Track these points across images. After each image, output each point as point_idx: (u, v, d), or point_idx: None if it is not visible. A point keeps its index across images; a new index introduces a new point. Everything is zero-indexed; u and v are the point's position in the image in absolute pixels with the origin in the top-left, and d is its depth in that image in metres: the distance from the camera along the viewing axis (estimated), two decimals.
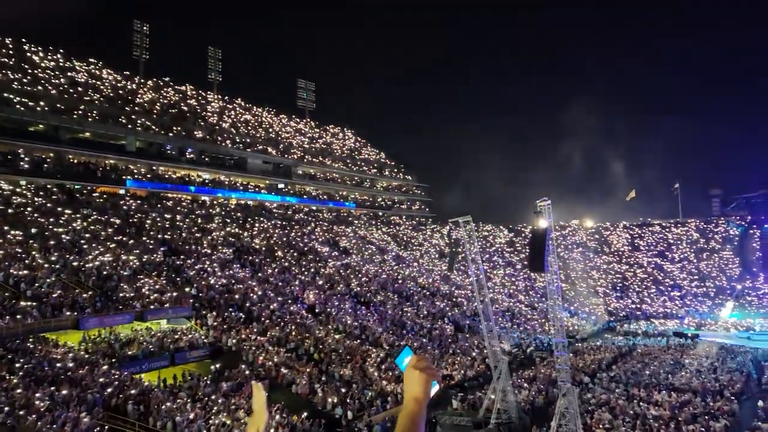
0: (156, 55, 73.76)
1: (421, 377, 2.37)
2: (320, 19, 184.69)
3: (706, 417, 26.54)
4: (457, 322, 49.70)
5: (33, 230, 38.50)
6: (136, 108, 59.84)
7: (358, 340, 38.94)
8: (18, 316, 27.86)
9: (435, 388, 2.40)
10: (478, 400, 30.41)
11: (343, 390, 29.92)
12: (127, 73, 67.17)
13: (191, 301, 36.50)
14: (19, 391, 21.51)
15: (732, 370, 38.04)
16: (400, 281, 57.49)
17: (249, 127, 75.17)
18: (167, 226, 49.22)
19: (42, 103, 48.96)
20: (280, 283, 45.53)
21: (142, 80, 68.65)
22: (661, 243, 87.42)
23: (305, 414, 26.29)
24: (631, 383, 34.21)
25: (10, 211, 40.29)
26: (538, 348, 46.24)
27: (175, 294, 36.46)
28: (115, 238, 42.38)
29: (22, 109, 47.16)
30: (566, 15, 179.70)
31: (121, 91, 62.46)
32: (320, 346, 35.64)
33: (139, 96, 63.47)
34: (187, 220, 52.40)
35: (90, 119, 52.29)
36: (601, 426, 25.46)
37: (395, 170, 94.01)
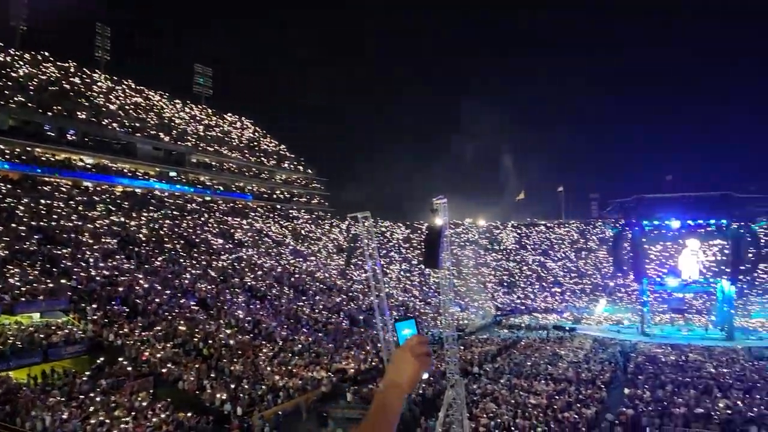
0: (36, 27, 67.47)
1: (414, 364, 2.14)
2: (220, 3, 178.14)
3: (578, 404, 28.61)
4: (353, 317, 50.03)
5: None
6: (10, 83, 54.57)
7: (251, 335, 38.11)
8: None
9: (423, 377, 2.20)
10: (371, 393, 30.79)
11: (233, 385, 29.16)
12: (0, 44, 61.08)
13: (69, 293, 33.92)
14: None
15: (603, 361, 41.30)
16: (296, 275, 56.90)
17: (139, 111, 71.01)
18: (43, 212, 45.38)
19: None
20: (168, 276, 43.49)
21: (18, 53, 62.68)
22: (545, 242, 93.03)
23: (192, 411, 25.34)
24: (514, 374, 36.15)
25: None
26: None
27: (50, 285, 33.74)
28: None
29: None
30: (465, 15, 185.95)
31: None
32: (210, 341, 34.48)
33: (13, 70, 57.89)
34: (67, 206, 48.59)
35: None
36: (485, 415, 26.69)
37: (295, 163, 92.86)
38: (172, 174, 67.55)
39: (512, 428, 24.85)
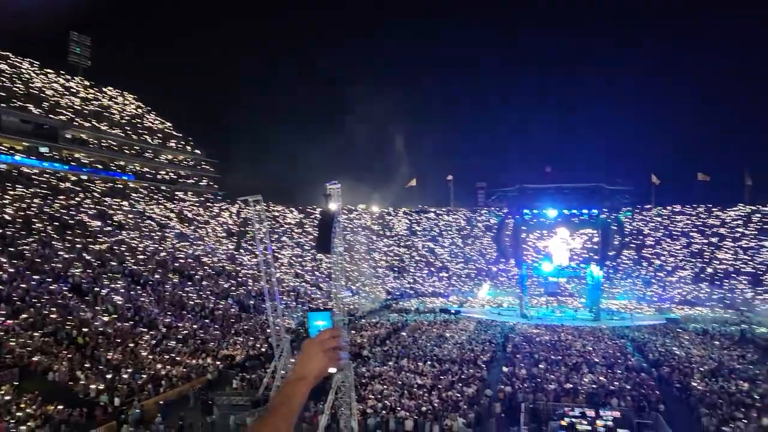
0: None
1: (322, 359, 2.13)
2: None
3: (461, 383, 30.00)
4: (242, 302, 48.88)
5: None
6: None
7: (131, 322, 36.07)
8: None
9: (332, 371, 2.13)
10: (259, 379, 30.33)
11: (110, 375, 27.50)
12: None
13: None
14: None
15: (484, 342, 43.52)
16: (182, 260, 54.51)
17: (4, 79, 64.26)
18: None
19: None
20: (37, 260, 39.99)
21: None
22: (435, 228, 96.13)
23: (63, 404, 23.60)
24: (402, 356, 37.14)
25: None
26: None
27: None
28: None
29: None
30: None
31: None
32: (85, 329, 32.22)
33: None
34: None
35: None
36: (372, 396, 27.23)
37: (182, 143, 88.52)
38: (43, 150, 61.95)
39: (398, 408, 25.55)
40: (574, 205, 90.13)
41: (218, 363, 32.91)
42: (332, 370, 2.15)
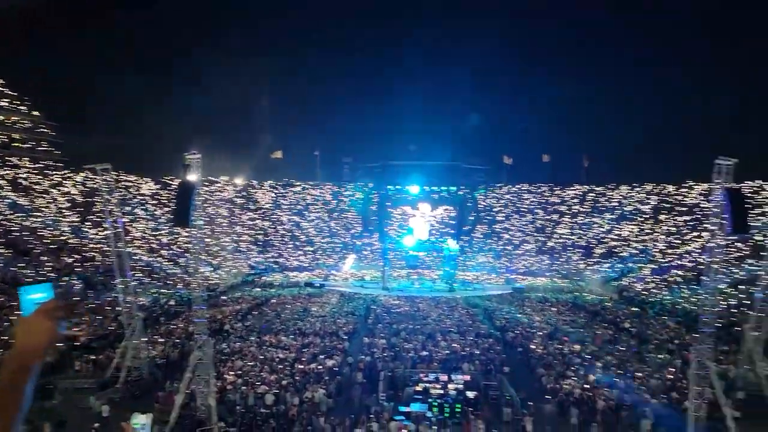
0: None
1: (50, 328, 1.79)
2: None
3: (323, 355, 30.41)
4: (89, 279, 45.23)
5: None
6: None
7: None
8: None
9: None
10: (107, 360, 28.41)
11: None
12: None
13: None
14: None
15: (347, 314, 44.40)
16: (16, 233, 49.05)
17: None
18: None
19: None
20: None
21: None
22: (301, 202, 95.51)
23: None
24: (264, 331, 36.76)
25: None
26: (178, 303, 45.65)
27: None
28: None
29: None
30: None
31: None
32: None
33: None
34: None
35: None
36: (232, 373, 26.71)
37: (17, 103, 78.84)
38: None
39: (258, 383, 25.32)
40: (435, 182, 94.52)
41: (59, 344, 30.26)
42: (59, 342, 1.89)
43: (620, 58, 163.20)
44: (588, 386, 25.64)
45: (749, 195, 63.38)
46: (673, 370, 28.25)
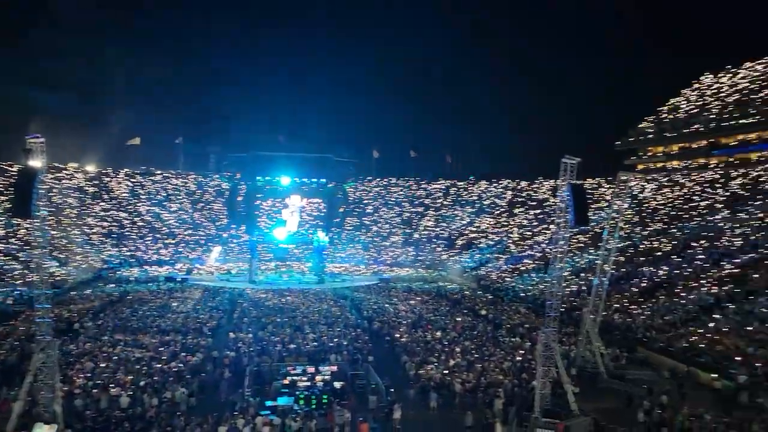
0: None
1: None
2: None
3: (184, 353, 29.03)
4: None
5: None
6: None
7: None
8: None
9: None
10: None
11: None
12: None
13: None
14: None
15: (211, 309, 42.75)
16: None
17: None
18: None
19: None
20: None
21: None
22: (161, 192, 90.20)
23: None
24: (119, 329, 34.29)
25: None
26: (17, 302, 41.15)
27: None
28: None
29: None
30: None
31: None
32: None
33: None
34: None
35: None
36: (82, 376, 24.63)
37: None
38: None
39: (112, 385, 23.57)
40: (305, 174, 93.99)
41: None
42: None
43: (481, 64, 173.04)
44: (447, 371, 26.99)
45: (590, 191, 70.34)
46: (522, 352, 30.62)
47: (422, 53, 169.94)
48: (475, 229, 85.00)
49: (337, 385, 24.69)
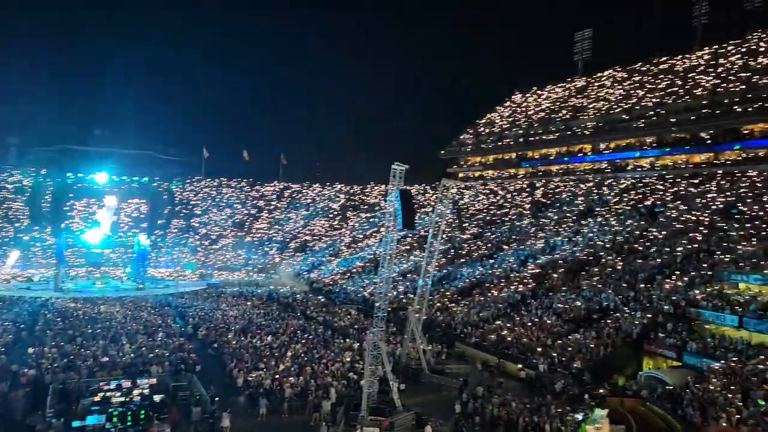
0: None
1: None
2: None
3: None
4: None
5: None
6: None
7: None
8: None
9: None
10: None
11: None
12: None
13: None
14: None
15: (5, 322, 37.40)
16: None
17: None
18: None
19: None
20: None
21: None
22: None
23: None
24: None
25: None
26: None
27: None
28: None
29: None
30: None
31: None
32: None
33: None
34: None
35: None
36: None
37: None
38: None
39: None
40: (125, 172, 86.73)
41: None
42: None
43: (317, 69, 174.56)
44: (277, 376, 26.59)
45: (417, 196, 74.36)
46: (351, 353, 31.26)
47: (256, 54, 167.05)
48: (308, 231, 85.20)
49: (157, 398, 23.10)
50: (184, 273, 70.77)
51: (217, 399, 23.16)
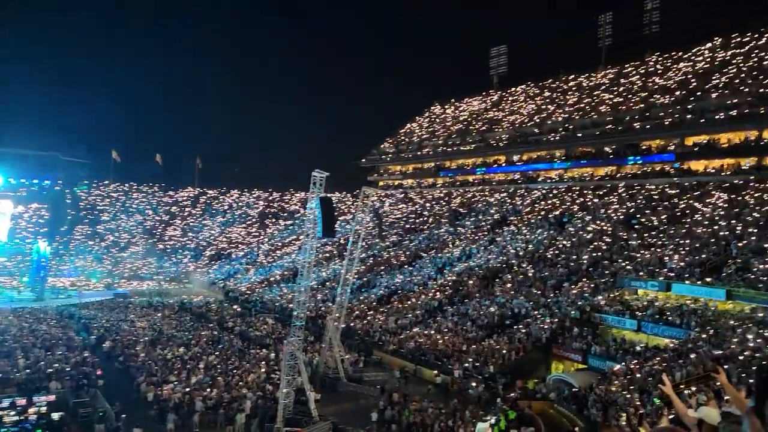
0: None
1: None
2: None
3: None
4: None
5: None
6: None
7: None
8: None
9: None
10: None
11: None
12: None
13: None
14: None
15: None
16: None
17: None
18: None
19: None
20: None
21: None
22: None
23: None
24: None
25: None
26: None
27: None
28: None
29: None
30: None
31: None
32: None
33: None
34: None
35: None
36: None
37: None
38: None
39: None
40: (25, 174, 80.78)
41: None
42: None
43: (232, 73, 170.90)
44: (189, 389, 25.57)
45: (337, 204, 74.10)
46: (266, 363, 30.59)
47: (172, 54, 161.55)
48: (225, 239, 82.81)
49: (56, 416, 21.64)
50: (89, 282, 66.68)
51: (123, 415, 21.95)
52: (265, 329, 41.09)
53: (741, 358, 21.51)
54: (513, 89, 77.63)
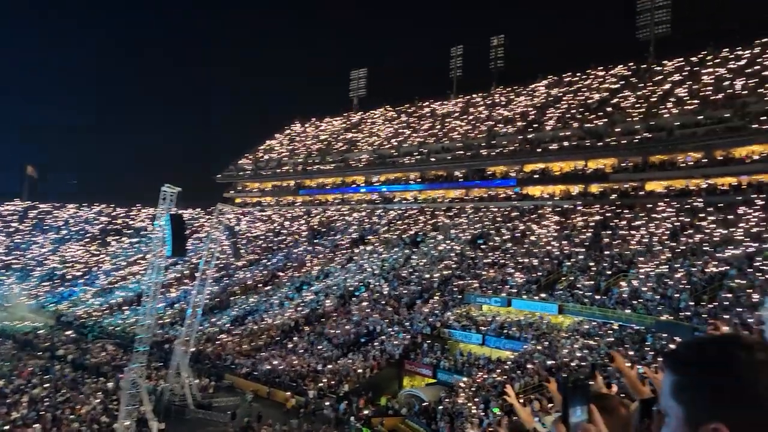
0: None
1: None
2: None
3: None
4: None
5: None
6: None
7: None
8: None
9: None
10: None
11: None
12: None
13: None
14: None
15: None
16: None
17: None
18: None
19: None
20: None
21: None
22: None
23: None
24: None
25: None
26: None
27: None
28: None
29: None
30: None
31: None
32: None
33: None
34: None
35: None
36: None
37: None
38: None
39: None
40: None
41: None
42: None
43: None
44: (8, 426, 22.58)
45: (190, 221, 70.42)
46: (102, 393, 27.97)
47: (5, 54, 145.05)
48: (58, 258, 74.89)
49: None
50: None
51: None
52: (104, 356, 37.64)
53: (570, 366, 23.71)
54: (372, 111, 79.75)
